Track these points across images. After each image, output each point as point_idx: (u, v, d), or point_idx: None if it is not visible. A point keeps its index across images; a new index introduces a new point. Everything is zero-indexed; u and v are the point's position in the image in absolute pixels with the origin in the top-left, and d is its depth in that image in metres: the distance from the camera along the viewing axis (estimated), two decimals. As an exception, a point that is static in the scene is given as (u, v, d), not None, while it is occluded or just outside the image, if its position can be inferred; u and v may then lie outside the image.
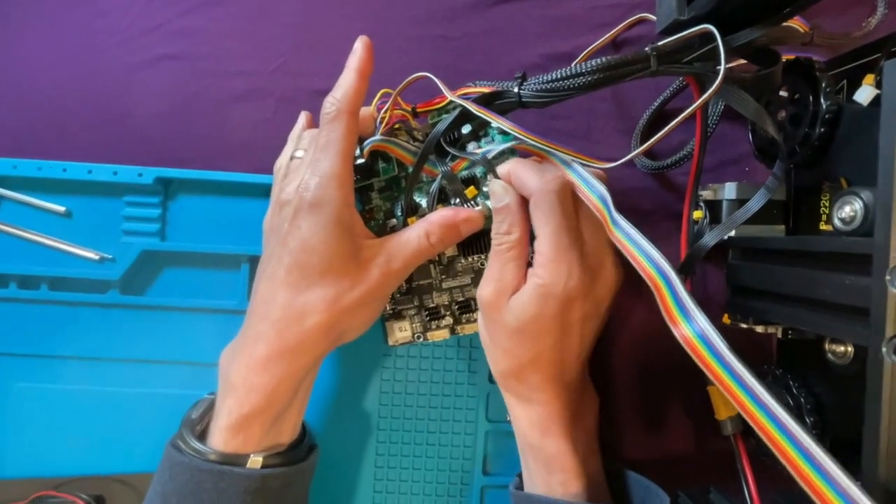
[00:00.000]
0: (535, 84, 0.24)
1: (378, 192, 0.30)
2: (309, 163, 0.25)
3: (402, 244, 0.26)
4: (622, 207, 0.33)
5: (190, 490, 0.24)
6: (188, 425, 0.26)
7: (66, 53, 0.33)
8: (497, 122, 0.25)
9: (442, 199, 0.29)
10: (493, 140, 0.28)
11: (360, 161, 0.28)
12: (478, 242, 0.30)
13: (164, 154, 0.33)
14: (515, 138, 0.26)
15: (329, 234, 0.24)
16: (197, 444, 0.25)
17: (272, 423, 0.25)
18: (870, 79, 0.23)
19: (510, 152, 0.27)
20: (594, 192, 0.24)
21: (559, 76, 0.24)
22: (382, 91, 0.29)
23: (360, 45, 0.26)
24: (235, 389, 0.25)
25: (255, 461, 0.25)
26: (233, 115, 0.33)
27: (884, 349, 0.15)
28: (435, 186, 0.28)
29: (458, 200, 0.28)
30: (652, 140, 0.23)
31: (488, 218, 0.27)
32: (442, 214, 0.27)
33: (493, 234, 0.26)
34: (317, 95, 0.33)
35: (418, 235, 0.26)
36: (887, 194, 0.15)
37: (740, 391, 0.18)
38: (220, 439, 0.25)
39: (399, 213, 0.29)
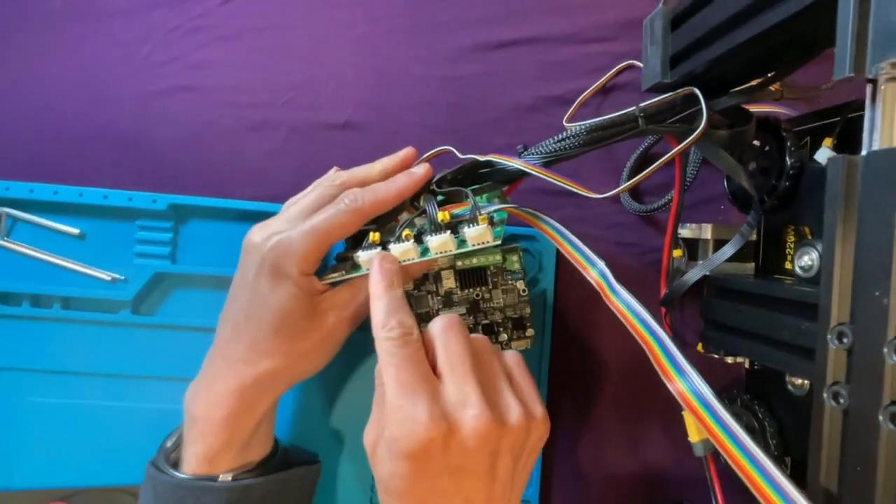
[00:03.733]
0: (535, 152, 0.27)
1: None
2: (292, 223, 0.26)
3: (352, 294, 0.27)
4: (609, 240, 0.36)
5: None
6: (163, 453, 0.28)
7: (83, 81, 0.34)
8: (513, 162, 0.27)
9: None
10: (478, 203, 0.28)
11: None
12: (474, 276, 0.32)
13: (177, 180, 0.34)
14: (504, 202, 0.28)
15: (286, 298, 0.25)
16: (172, 472, 0.27)
17: (238, 450, 0.27)
18: (828, 141, 0.26)
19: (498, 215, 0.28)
20: (595, 268, 0.26)
21: (555, 141, 0.26)
22: (441, 149, 0.30)
23: (420, 170, 0.27)
24: (198, 423, 0.26)
25: (225, 478, 0.26)
26: (244, 144, 0.35)
27: (825, 394, 0.18)
28: (406, 220, 0.28)
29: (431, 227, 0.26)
30: (634, 180, 0.25)
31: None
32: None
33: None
34: (325, 128, 0.35)
35: (367, 283, 0.26)
36: (829, 269, 0.17)
37: (730, 443, 0.20)
38: (190, 469, 0.26)
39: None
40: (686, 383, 0.22)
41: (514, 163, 0.26)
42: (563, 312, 0.35)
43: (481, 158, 0.28)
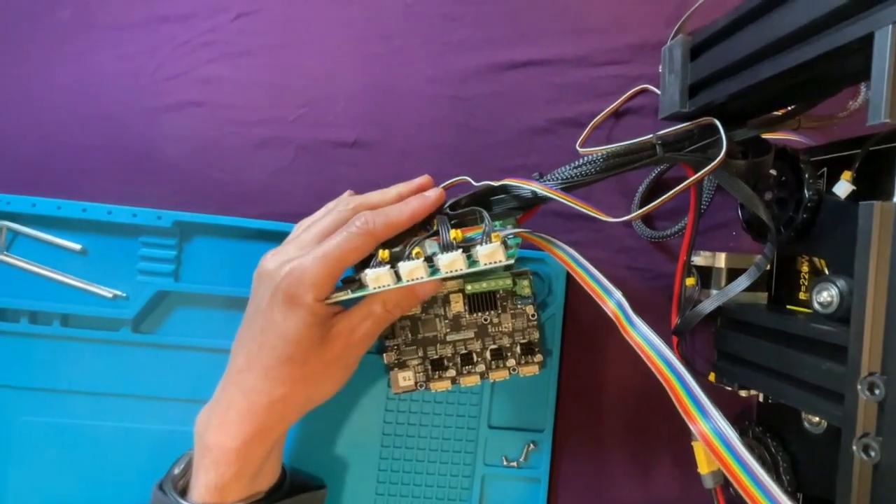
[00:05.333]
0: (552, 178, 0.26)
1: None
2: (305, 249, 0.26)
3: (362, 316, 0.27)
4: (620, 264, 0.35)
5: None
6: (171, 480, 0.28)
7: (89, 94, 0.34)
8: (530, 185, 0.26)
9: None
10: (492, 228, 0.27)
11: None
12: (483, 300, 0.32)
13: (183, 196, 0.34)
14: (517, 227, 0.27)
15: (300, 326, 0.25)
16: (179, 500, 0.26)
17: (249, 480, 0.26)
18: (847, 175, 0.26)
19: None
20: (612, 299, 0.25)
21: (572, 168, 0.26)
22: (458, 179, 0.29)
23: (433, 194, 0.27)
24: (210, 452, 0.26)
25: None
26: (252, 161, 0.34)
27: (854, 447, 0.17)
28: (418, 239, 0.27)
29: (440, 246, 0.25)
30: (649, 206, 0.25)
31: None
32: (401, 287, 0.26)
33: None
34: (334, 146, 0.35)
35: (376, 305, 0.27)
36: (860, 317, 0.17)
37: (753, 487, 0.19)
38: (199, 498, 0.26)
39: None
40: (709, 424, 0.21)
41: (532, 186, 0.26)
42: (572, 337, 0.35)
43: (496, 184, 0.27)
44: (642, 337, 0.23)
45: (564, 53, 0.35)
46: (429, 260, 0.26)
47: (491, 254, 0.24)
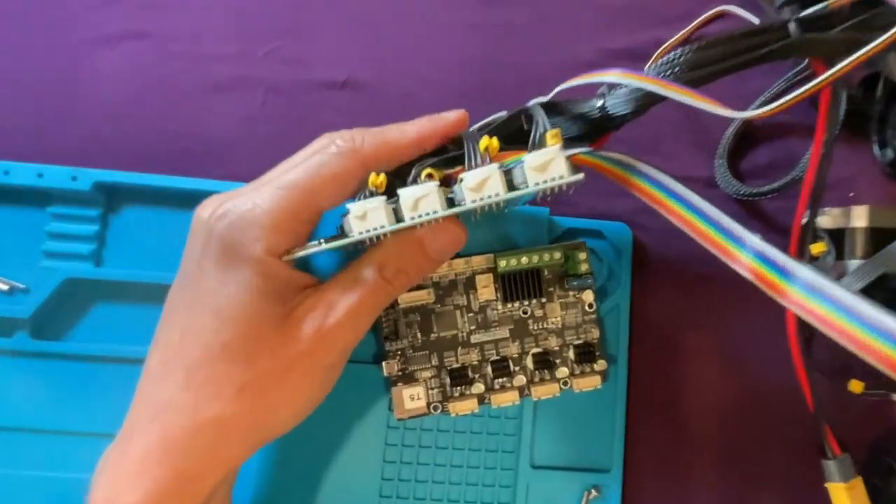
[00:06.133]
0: (662, 67, 0.17)
1: None
2: (260, 184, 0.18)
3: (346, 287, 0.18)
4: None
5: None
6: None
7: (1, 26, 0.26)
8: (633, 79, 0.17)
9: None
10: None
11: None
12: (522, 283, 0.23)
13: (118, 155, 0.25)
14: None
15: (244, 296, 0.16)
16: None
17: None
18: None
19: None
20: (746, 250, 0.16)
21: (691, 51, 0.17)
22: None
23: (452, 114, 0.19)
24: None
25: None
26: (208, 109, 0.26)
27: None
28: (430, 161, 0.18)
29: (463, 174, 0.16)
30: (785, 100, 0.16)
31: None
32: (402, 234, 0.17)
33: None
34: (318, 88, 0.27)
35: (366, 269, 0.18)
36: None
37: None
38: None
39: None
40: None
41: (635, 79, 0.17)
42: (641, 337, 0.25)
43: (546, 98, 0.19)
44: (820, 299, 0.14)
45: (616, -32, 0.27)
46: (445, 183, 0.17)
47: (546, 164, 0.15)
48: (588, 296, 0.23)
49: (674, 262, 0.26)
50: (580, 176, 0.15)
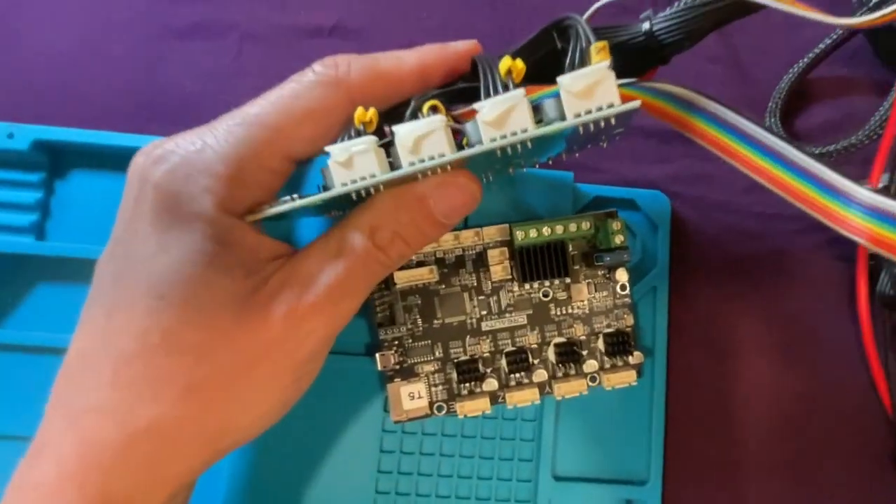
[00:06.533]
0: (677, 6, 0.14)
1: None
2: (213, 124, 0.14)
3: (327, 256, 0.14)
4: (749, 211, 0.23)
5: None
6: None
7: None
8: None
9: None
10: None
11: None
12: (545, 258, 0.19)
13: (63, 109, 0.22)
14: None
15: (190, 265, 0.13)
16: None
17: None
18: None
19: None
20: (853, 207, 0.12)
21: None
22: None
23: (461, 44, 0.15)
24: None
25: None
26: (173, 57, 0.22)
27: None
28: (434, 92, 0.14)
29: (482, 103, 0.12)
30: None
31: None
32: (399, 187, 0.14)
33: None
34: (302, 35, 0.23)
35: (354, 233, 0.14)
36: None
37: None
38: None
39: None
40: None
41: None
42: (682, 325, 0.21)
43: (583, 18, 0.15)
44: None
45: None
46: (457, 122, 0.13)
47: (591, 87, 0.11)
48: (622, 275, 0.19)
49: (719, 238, 0.22)
50: (636, 103, 0.12)
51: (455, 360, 0.19)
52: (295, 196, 0.14)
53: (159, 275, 0.12)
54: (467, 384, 0.19)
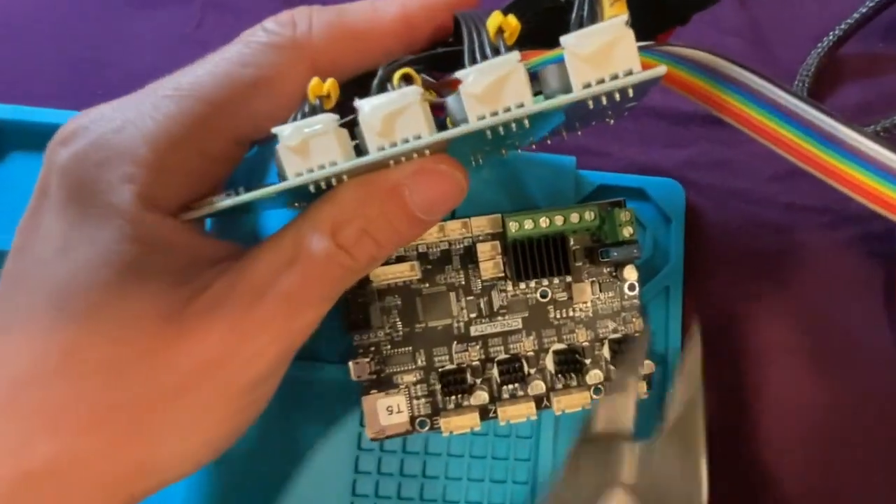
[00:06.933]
0: None
1: None
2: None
3: (279, 260, 0.11)
4: (772, 202, 0.20)
5: None
6: None
7: None
8: None
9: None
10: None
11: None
12: (542, 254, 0.17)
13: (11, 87, 0.20)
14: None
15: (102, 269, 0.10)
16: None
17: None
18: None
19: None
20: None
21: None
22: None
23: None
24: None
25: None
26: (131, 27, 0.20)
27: None
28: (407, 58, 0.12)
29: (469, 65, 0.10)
30: None
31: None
32: (367, 177, 0.11)
33: None
34: (269, 3, 0.20)
35: (313, 233, 0.11)
36: None
37: None
38: None
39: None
40: None
41: None
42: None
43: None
44: None
45: None
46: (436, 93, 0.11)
47: (605, 48, 0.09)
48: (630, 273, 0.17)
49: (739, 231, 0.20)
50: (661, 69, 0.09)
51: (440, 370, 0.17)
52: (240, 189, 0.11)
53: (60, 281, 0.10)
54: (453, 397, 0.17)
